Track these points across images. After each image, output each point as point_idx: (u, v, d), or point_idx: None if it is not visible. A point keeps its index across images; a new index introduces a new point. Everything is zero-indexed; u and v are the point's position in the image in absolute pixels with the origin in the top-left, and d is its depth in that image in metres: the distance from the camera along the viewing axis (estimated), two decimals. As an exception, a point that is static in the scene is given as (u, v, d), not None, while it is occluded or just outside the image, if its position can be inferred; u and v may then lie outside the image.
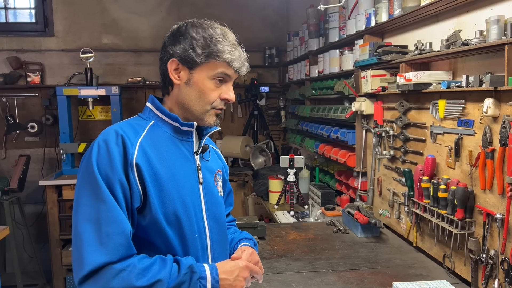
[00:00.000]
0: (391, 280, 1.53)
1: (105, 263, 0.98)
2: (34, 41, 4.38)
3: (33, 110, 4.38)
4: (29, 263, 4.06)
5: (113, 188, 1.03)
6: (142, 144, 1.10)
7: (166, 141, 1.16)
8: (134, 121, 1.18)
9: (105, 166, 1.04)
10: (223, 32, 1.17)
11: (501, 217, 1.39)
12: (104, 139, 1.07)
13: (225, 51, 1.14)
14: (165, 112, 1.18)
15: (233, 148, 4.19)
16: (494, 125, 1.42)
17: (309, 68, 3.51)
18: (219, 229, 1.24)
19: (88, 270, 0.98)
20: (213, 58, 1.13)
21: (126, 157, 1.06)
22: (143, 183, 1.07)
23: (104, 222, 1.01)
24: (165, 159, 1.13)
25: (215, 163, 1.31)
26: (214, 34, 1.15)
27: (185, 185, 1.15)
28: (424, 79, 1.78)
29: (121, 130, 1.09)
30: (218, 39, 1.14)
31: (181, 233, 1.12)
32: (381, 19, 2.20)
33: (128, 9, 4.50)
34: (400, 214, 2.07)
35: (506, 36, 1.38)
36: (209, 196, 1.22)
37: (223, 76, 1.16)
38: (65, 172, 3.93)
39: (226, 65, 1.15)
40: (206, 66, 1.14)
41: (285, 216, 2.74)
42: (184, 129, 1.18)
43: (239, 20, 4.70)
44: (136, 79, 4.48)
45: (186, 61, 1.15)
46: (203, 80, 1.15)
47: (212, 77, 1.15)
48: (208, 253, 1.19)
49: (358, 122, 2.48)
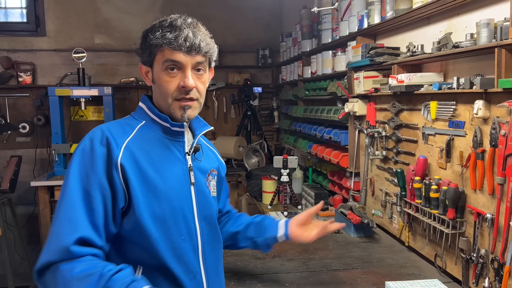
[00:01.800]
0: (384, 280, 1.55)
1: (48, 262, 0.99)
2: (25, 41, 4.34)
3: (24, 110, 4.34)
4: (20, 264, 4.03)
5: (91, 188, 1.04)
6: (129, 145, 1.10)
7: (156, 142, 1.15)
8: (125, 121, 1.18)
9: (86, 165, 1.05)
10: (171, 20, 1.11)
11: (491, 217, 1.41)
12: (90, 138, 1.08)
13: (158, 36, 1.09)
14: (155, 112, 1.17)
15: (227, 149, 4.19)
16: (484, 127, 1.44)
17: (302, 69, 3.53)
18: (211, 230, 1.24)
19: (37, 267, 1.00)
20: (153, 48, 1.11)
21: (110, 158, 1.06)
22: (127, 183, 1.06)
23: (59, 223, 1.02)
24: (154, 160, 1.12)
25: (209, 162, 1.30)
26: (158, 25, 1.11)
27: (174, 186, 1.14)
28: (416, 80, 1.81)
29: (108, 131, 1.10)
30: (157, 29, 1.10)
31: (167, 235, 1.11)
32: (373, 21, 2.22)
33: (120, 9, 4.48)
34: (392, 214, 2.09)
35: (496, 39, 1.40)
36: (201, 197, 1.21)
37: (171, 63, 1.10)
38: (57, 173, 3.91)
39: (167, 50, 1.09)
40: (156, 60, 1.13)
41: (279, 216, 2.75)
42: (175, 129, 1.17)
43: (232, 20, 4.71)
44: (129, 80, 4.46)
45: (144, 62, 1.16)
46: (158, 74, 1.13)
47: (162, 68, 1.11)
48: (199, 254, 1.19)
49: (351, 123, 2.50)
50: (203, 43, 1.11)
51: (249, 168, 3.93)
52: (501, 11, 1.47)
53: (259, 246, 1.45)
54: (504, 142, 1.33)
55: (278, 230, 1.42)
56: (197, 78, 1.14)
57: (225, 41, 4.60)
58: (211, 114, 4.79)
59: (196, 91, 1.14)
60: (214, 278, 1.25)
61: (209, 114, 4.78)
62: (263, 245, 1.44)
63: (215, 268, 1.27)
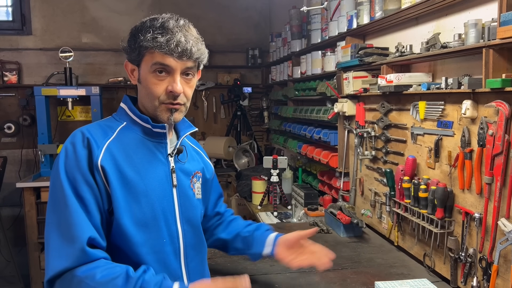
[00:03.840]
0: (373, 280, 1.55)
1: (64, 269, 0.97)
2: (11, 39, 4.26)
3: (9, 110, 4.26)
4: (6, 267, 3.95)
5: (80, 190, 1.02)
6: (109, 146, 1.08)
7: (137, 144, 1.13)
8: (106, 122, 1.16)
9: (72, 169, 1.03)
10: (163, 21, 1.09)
11: (479, 216, 1.42)
12: (72, 142, 1.07)
13: (149, 39, 1.06)
14: (136, 113, 1.15)
15: (216, 149, 4.17)
16: (472, 126, 1.45)
17: (292, 69, 3.53)
18: (194, 233, 1.22)
19: (49, 276, 0.97)
20: (142, 49, 1.08)
21: (91, 159, 1.05)
22: (109, 186, 1.05)
23: (64, 227, 1.00)
24: (134, 162, 1.10)
25: (193, 164, 1.28)
26: (149, 25, 1.08)
27: (155, 188, 1.12)
28: (404, 80, 1.81)
29: (88, 132, 1.08)
30: (147, 29, 1.07)
31: (148, 238, 1.10)
32: (362, 21, 2.22)
33: (108, 7, 4.43)
34: (381, 214, 2.10)
35: (483, 40, 1.41)
36: (184, 199, 1.19)
37: (160, 66, 1.08)
38: (43, 174, 3.84)
39: (158, 54, 1.07)
40: (144, 60, 1.10)
41: (268, 216, 2.74)
42: (156, 130, 1.15)
43: (221, 20, 4.69)
44: (117, 79, 4.42)
45: (131, 60, 1.13)
46: (146, 76, 1.10)
47: (151, 70, 1.09)
48: (181, 257, 1.17)
49: (340, 123, 2.51)
50: (195, 49, 1.09)
51: (239, 169, 3.92)
52: (489, 12, 1.48)
53: (248, 256, 1.46)
54: (491, 141, 1.34)
55: (265, 247, 1.39)
56: (185, 83, 1.12)
57: (214, 41, 4.58)
58: (200, 114, 4.76)
59: (183, 96, 1.12)
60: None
61: (199, 114, 4.75)
62: (251, 257, 1.45)
63: (199, 271, 1.25)
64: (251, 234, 1.43)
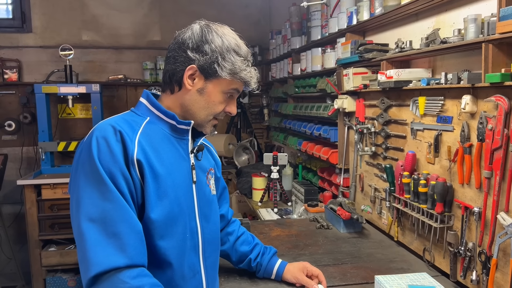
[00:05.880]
0: (373, 274, 1.55)
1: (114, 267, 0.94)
2: (11, 37, 4.26)
3: (10, 108, 4.27)
4: (7, 264, 3.97)
5: (119, 184, 1.00)
6: (140, 140, 1.07)
7: (162, 139, 1.14)
8: (129, 116, 1.14)
9: (107, 163, 1.00)
10: (247, 51, 1.20)
11: (479, 211, 1.42)
12: (103, 136, 1.02)
13: (248, 75, 1.16)
14: (161, 110, 1.15)
15: (217, 146, 4.13)
16: (472, 121, 1.46)
17: (292, 66, 3.53)
18: (211, 228, 1.24)
19: (96, 272, 0.93)
20: (234, 77, 1.15)
21: (126, 154, 1.03)
22: (143, 180, 1.05)
23: (112, 222, 0.97)
24: (162, 157, 1.11)
25: (207, 161, 1.31)
26: (238, 50, 1.16)
27: (181, 184, 1.14)
28: (404, 76, 1.82)
29: (118, 126, 1.05)
30: (241, 58, 1.16)
31: (174, 232, 1.11)
32: (362, 17, 2.23)
33: (108, 5, 4.43)
34: (381, 210, 2.11)
35: (483, 34, 1.41)
36: (201, 196, 1.21)
37: (235, 91, 1.18)
38: (44, 172, 3.85)
39: (242, 83, 1.17)
40: (224, 81, 1.15)
41: (269, 213, 2.75)
42: (181, 127, 1.16)
43: (221, 17, 4.61)
44: (117, 77, 4.42)
45: (206, 72, 1.13)
46: (216, 93, 1.16)
47: (226, 91, 1.16)
48: (199, 252, 1.19)
49: (340, 120, 2.51)
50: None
51: (239, 166, 3.93)
52: (488, 7, 1.48)
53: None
54: (491, 136, 1.34)
55: (271, 275, 1.54)
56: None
57: (214, 38, 4.57)
58: (200, 111, 4.76)
59: None
60: (213, 277, 1.26)
61: (199, 111, 4.75)
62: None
63: (214, 267, 1.28)
64: (257, 264, 1.54)
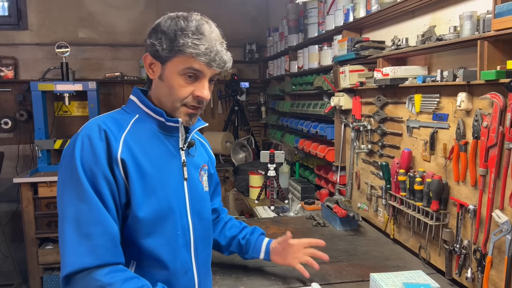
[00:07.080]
0: (369, 272, 1.55)
1: (84, 267, 0.95)
2: (7, 34, 4.24)
3: (6, 105, 4.25)
4: (4, 262, 3.95)
5: (98, 185, 1.00)
6: (126, 139, 1.06)
7: (151, 137, 1.13)
8: (118, 114, 1.14)
9: (89, 162, 1.00)
10: (197, 24, 1.08)
11: (474, 208, 1.42)
12: (87, 134, 1.03)
13: (189, 45, 1.05)
14: (150, 106, 1.14)
15: (214, 144, 4.17)
16: (467, 119, 1.45)
17: (289, 63, 3.52)
18: (203, 225, 1.23)
19: (67, 272, 0.95)
20: (177, 53, 1.06)
21: (110, 153, 1.03)
22: (128, 179, 1.04)
23: (85, 223, 0.97)
24: (150, 155, 1.10)
25: (200, 157, 1.29)
26: (184, 27, 1.06)
27: (170, 182, 1.13)
28: (400, 74, 1.81)
29: (104, 125, 1.05)
30: (185, 33, 1.06)
31: (164, 230, 1.10)
32: (359, 14, 2.22)
33: (105, 2, 4.41)
34: (377, 207, 2.11)
35: (478, 32, 1.41)
36: (194, 193, 1.20)
37: (193, 72, 1.08)
38: (41, 169, 3.84)
39: (194, 60, 1.06)
40: (175, 61, 1.08)
41: (266, 211, 2.75)
42: (169, 124, 1.14)
43: (218, 15, 4.61)
44: (113, 74, 4.40)
45: (156, 56, 1.10)
46: (173, 76, 1.09)
47: (181, 72, 1.08)
48: (191, 249, 1.18)
49: (337, 117, 2.51)
50: (228, 59, 1.12)
51: (236, 164, 3.92)
52: (484, 4, 1.48)
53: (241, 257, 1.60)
54: (486, 134, 1.34)
55: (260, 253, 1.54)
56: (208, 88, 1.13)
57: (211, 36, 4.56)
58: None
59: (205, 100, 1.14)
60: (205, 274, 1.25)
61: (196, 109, 4.74)
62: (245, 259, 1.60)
63: (206, 264, 1.27)
64: (246, 242, 1.53)
